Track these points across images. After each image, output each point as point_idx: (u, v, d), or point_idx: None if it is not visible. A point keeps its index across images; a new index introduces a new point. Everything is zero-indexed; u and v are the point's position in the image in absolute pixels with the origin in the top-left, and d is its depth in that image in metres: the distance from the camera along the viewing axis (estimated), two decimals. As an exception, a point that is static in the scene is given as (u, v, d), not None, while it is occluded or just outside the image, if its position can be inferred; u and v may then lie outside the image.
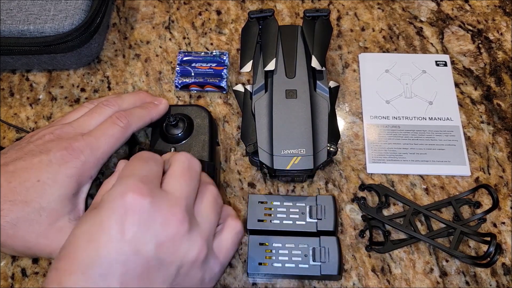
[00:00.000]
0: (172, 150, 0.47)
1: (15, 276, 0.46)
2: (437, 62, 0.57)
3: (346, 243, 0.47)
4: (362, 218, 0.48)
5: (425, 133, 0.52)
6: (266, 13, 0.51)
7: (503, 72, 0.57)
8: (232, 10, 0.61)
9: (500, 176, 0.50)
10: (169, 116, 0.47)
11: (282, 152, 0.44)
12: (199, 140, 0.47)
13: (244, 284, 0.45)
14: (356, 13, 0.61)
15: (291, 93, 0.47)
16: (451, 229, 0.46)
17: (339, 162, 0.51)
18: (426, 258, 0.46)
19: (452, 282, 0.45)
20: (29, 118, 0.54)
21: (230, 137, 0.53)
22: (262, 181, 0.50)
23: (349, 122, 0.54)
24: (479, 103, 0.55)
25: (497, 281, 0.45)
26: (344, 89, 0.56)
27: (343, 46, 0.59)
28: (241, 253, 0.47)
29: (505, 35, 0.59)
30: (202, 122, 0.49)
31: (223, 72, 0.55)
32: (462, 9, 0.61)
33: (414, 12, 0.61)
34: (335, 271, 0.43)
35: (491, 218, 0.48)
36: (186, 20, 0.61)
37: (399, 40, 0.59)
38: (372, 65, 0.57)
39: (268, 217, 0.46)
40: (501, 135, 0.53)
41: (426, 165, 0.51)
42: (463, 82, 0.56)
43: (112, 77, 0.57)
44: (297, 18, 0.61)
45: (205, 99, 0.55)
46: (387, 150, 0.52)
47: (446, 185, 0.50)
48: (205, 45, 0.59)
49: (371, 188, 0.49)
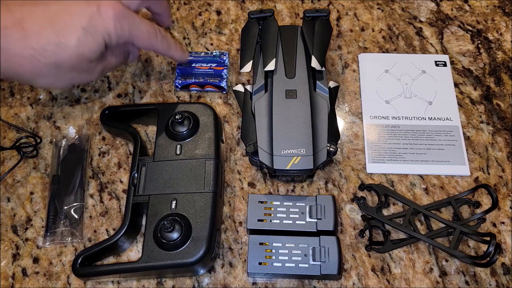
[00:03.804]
0: (178, 147, 0.47)
1: (15, 275, 0.46)
2: (436, 62, 0.57)
3: (346, 242, 0.47)
4: (361, 218, 0.48)
5: (425, 133, 0.52)
6: (266, 13, 0.51)
7: (503, 72, 0.57)
8: (232, 10, 0.62)
9: (500, 176, 0.50)
10: (175, 114, 0.47)
11: (282, 152, 0.44)
12: (204, 138, 0.47)
13: (244, 283, 0.45)
14: (355, 13, 0.61)
15: (291, 93, 0.47)
16: (450, 229, 0.47)
17: (339, 162, 0.51)
18: (426, 257, 0.46)
19: (452, 281, 0.45)
20: (29, 118, 0.54)
21: (230, 137, 0.53)
22: (262, 181, 0.50)
23: (349, 122, 0.54)
24: (479, 103, 0.55)
25: (497, 281, 0.45)
26: (344, 89, 0.56)
27: (342, 46, 0.59)
28: (241, 253, 0.47)
29: (504, 35, 0.59)
30: (208, 119, 0.49)
31: (223, 72, 0.55)
32: (462, 9, 0.61)
33: (414, 13, 0.61)
34: (335, 270, 0.43)
35: (491, 218, 0.48)
36: (186, 20, 0.61)
37: (399, 40, 0.59)
38: (372, 65, 0.57)
39: (268, 217, 0.46)
40: (501, 135, 0.53)
41: (426, 165, 0.51)
42: (462, 82, 0.56)
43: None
44: (297, 18, 0.61)
45: (205, 99, 0.55)
46: (386, 150, 0.52)
47: (446, 185, 0.50)
48: (205, 45, 0.59)
49: (371, 188, 0.49)
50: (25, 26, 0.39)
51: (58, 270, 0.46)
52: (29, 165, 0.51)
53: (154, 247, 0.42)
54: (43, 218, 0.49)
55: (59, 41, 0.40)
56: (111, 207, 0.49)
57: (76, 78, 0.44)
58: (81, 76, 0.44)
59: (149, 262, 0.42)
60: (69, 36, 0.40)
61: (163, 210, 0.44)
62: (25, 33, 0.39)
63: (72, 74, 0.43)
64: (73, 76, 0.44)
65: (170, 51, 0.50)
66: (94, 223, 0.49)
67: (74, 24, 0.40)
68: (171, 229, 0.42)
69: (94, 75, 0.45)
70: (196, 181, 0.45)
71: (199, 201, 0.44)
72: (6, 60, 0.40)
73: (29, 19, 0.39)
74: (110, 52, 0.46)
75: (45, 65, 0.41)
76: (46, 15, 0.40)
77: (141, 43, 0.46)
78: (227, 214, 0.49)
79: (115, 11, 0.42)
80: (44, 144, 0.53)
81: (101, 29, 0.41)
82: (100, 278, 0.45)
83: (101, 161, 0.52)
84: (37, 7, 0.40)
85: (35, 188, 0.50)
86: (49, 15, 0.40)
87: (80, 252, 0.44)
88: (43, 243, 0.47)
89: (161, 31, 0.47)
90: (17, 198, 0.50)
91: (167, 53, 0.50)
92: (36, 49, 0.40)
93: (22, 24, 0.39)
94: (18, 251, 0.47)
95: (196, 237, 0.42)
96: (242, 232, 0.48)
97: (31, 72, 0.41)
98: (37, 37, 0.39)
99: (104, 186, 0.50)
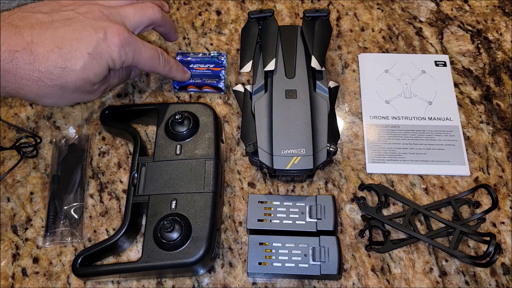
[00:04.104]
0: (178, 147, 0.47)
1: (15, 275, 0.46)
2: (436, 62, 0.57)
3: (346, 242, 0.47)
4: (361, 218, 0.48)
5: (425, 133, 0.52)
6: (266, 13, 0.51)
7: (503, 72, 0.57)
8: (232, 10, 0.62)
9: (500, 176, 0.50)
10: (175, 114, 0.47)
11: (282, 152, 0.44)
12: (204, 138, 0.47)
13: (244, 283, 0.45)
14: (355, 13, 0.61)
15: (291, 93, 0.47)
16: (450, 229, 0.47)
17: (338, 162, 0.51)
18: (426, 257, 0.46)
19: (452, 281, 0.45)
20: (29, 118, 0.54)
21: (230, 137, 0.53)
22: (262, 181, 0.50)
23: (349, 122, 0.54)
24: (479, 103, 0.55)
25: (497, 281, 0.45)
26: (344, 89, 0.56)
27: (342, 46, 0.59)
28: (241, 253, 0.47)
29: (504, 35, 0.59)
30: (207, 119, 0.49)
31: (221, 73, 0.55)
32: (462, 9, 0.61)
33: (414, 12, 0.61)
34: (335, 270, 0.43)
35: (491, 218, 0.48)
36: (186, 20, 0.61)
37: (399, 40, 0.59)
38: (372, 65, 0.57)
39: (268, 216, 0.46)
40: (501, 135, 0.53)
41: (426, 165, 0.51)
42: (462, 82, 0.56)
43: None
44: (296, 18, 0.61)
45: (205, 99, 0.55)
46: (386, 150, 0.52)
47: (446, 185, 0.50)
48: (205, 45, 0.59)
49: (371, 188, 0.49)
50: (34, 50, 0.40)
51: (58, 270, 0.46)
52: (29, 165, 0.51)
53: (154, 247, 0.42)
54: (43, 218, 0.49)
55: (65, 65, 0.41)
56: (111, 207, 0.49)
57: (78, 98, 0.46)
58: (83, 96, 0.46)
59: (149, 262, 0.42)
60: (75, 61, 0.41)
61: (163, 210, 0.44)
62: (34, 57, 0.40)
63: (75, 95, 0.44)
64: (76, 96, 0.45)
65: (171, 73, 0.52)
66: (94, 223, 0.49)
67: (81, 49, 0.41)
68: (171, 229, 0.42)
69: (96, 95, 0.47)
70: (196, 181, 0.45)
71: (199, 201, 0.44)
72: (13, 82, 0.41)
73: (38, 43, 0.40)
74: (113, 74, 0.47)
75: (50, 87, 0.42)
76: (54, 39, 0.41)
77: (144, 67, 0.48)
78: (227, 214, 0.49)
79: (121, 38, 0.43)
80: (44, 144, 0.53)
81: (106, 55, 0.43)
82: (100, 278, 0.45)
83: (101, 161, 0.52)
84: (47, 31, 0.41)
85: (35, 188, 0.50)
86: (57, 39, 0.41)
87: (80, 252, 0.44)
88: (43, 243, 0.47)
89: (163, 54, 0.49)
90: (17, 198, 0.50)
91: (168, 75, 0.52)
92: (43, 72, 0.41)
93: (31, 48, 0.40)
94: (18, 251, 0.47)
95: (196, 237, 0.42)
96: (242, 232, 0.48)
97: (36, 93, 0.42)
98: (45, 61, 0.40)
99: (104, 186, 0.50)
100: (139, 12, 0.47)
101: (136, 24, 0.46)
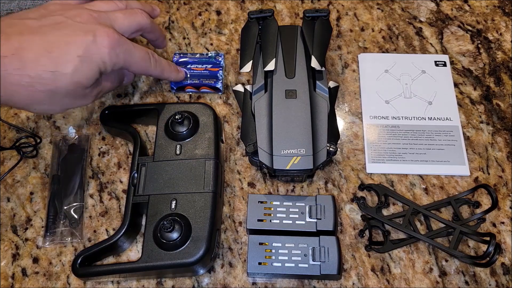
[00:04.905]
0: (178, 147, 0.47)
1: (15, 275, 0.46)
2: (436, 62, 0.57)
3: (346, 242, 0.47)
4: (361, 218, 0.48)
5: (425, 133, 0.52)
6: (266, 13, 0.51)
7: (503, 72, 0.57)
8: (232, 10, 0.62)
9: (500, 176, 0.50)
10: (174, 114, 0.47)
11: (282, 152, 0.44)
12: (204, 138, 0.47)
13: (244, 283, 0.45)
14: (355, 13, 0.61)
15: (290, 93, 0.47)
16: (450, 229, 0.47)
17: (338, 162, 0.51)
18: (426, 257, 0.46)
19: (452, 281, 0.45)
20: (29, 118, 0.54)
21: (230, 137, 0.53)
22: (262, 181, 0.50)
23: (349, 122, 0.54)
24: (479, 103, 0.55)
25: (497, 281, 0.45)
26: (344, 89, 0.56)
27: (342, 46, 0.59)
28: (241, 253, 0.47)
29: (504, 35, 0.59)
30: (207, 119, 0.49)
31: (219, 73, 0.55)
32: (462, 9, 0.61)
33: (414, 13, 0.61)
34: (335, 270, 0.43)
35: (491, 218, 0.48)
36: (186, 21, 0.61)
37: (399, 40, 0.59)
38: (372, 65, 0.57)
39: (268, 216, 0.46)
40: (501, 135, 0.53)
41: (426, 165, 0.51)
42: (462, 82, 0.56)
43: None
44: (296, 18, 0.61)
45: (205, 99, 0.55)
46: (386, 150, 0.52)
47: (446, 185, 0.50)
48: (205, 45, 0.59)
49: (371, 188, 0.49)
50: (23, 55, 0.39)
51: (58, 270, 0.46)
52: (29, 165, 0.51)
53: (154, 247, 0.42)
54: (43, 218, 0.49)
55: (55, 69, 0.40)
56: (111, 207, 0.49)
57: (71, 103, 0.45)
58: (76, 101, 0.45)
59: (149, 262, 0.42)
60: (65, 65, 0.41)
61: (163, 210, 0.44)
62: (23, 62, 0.39)
63: (67, 100, 0.44)
64: (69, 101, 0.44)
65: (164, 74, 0.51)
66: (94, 223, 0.49)
67: (70, 53, 0.41)
68: (171, 229, 0.42)
69: (89, 99, 0.46)
70: (196, 181, 0.45)
71: (199, 201, 0.44)
72: (4, 88, 0.40)
73: (27, 48, 0.40)
74: (105, 77, 0.47)
75: (41, 92, 0.41)
76: (43, 44, 0.40)
77: (135, 69, 0.48)
78: (227, 214, 0.49)
79: (111, 40, 0.43)
80: (44, 144, 0.53)
81: (96, 57, 0.42)
82: (100, 278, 0.45)
83: (101, 161, 0.52)
84: (35, 36, 0.41)
85: (35, 188, 0.50)
86: (46, 44, 0.41)
87: (80, 252, 0.44)
88: (43, 243, 0.47)
89: (154, 55, 0.49)
90: (17, 198, 0.50)
91: (161, 76, 0.52)
92: (33, 77, 0.40)
93: (20, 54, 0.39)
94: (18, 251, 0.47)
95: (196, 237, 0.42)
96: (242, 232, 0.48)
97: (27, 99, 0.42)
98: (34, 66, 0.40)
99: (104, 186, 0.50)
100: (128, 17, 0.46)
101: (125, 28, 0.46)
